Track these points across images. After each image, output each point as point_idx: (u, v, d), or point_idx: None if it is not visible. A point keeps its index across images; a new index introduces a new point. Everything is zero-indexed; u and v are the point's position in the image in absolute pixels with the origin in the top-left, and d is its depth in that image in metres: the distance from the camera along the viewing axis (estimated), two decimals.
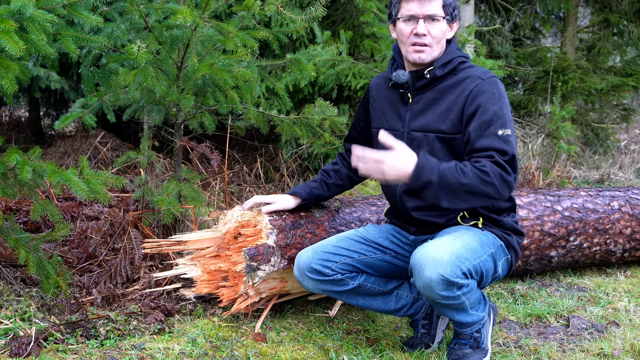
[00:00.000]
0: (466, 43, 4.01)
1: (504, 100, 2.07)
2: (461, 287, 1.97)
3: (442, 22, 2.11)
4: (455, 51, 2.18)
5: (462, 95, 2.09)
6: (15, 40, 1.85)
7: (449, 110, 2.11)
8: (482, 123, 2.01)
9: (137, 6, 2.49)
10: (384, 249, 2.27)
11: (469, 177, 1.90)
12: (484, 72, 2.12)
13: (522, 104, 6.94)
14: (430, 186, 1.90)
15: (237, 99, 2.66)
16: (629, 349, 2.34)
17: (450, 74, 2.15)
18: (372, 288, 2.25)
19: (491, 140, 1.98)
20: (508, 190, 1.95)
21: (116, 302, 2.54)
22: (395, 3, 2.17)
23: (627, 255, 3.32)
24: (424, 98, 2.17)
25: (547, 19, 8.05)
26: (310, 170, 5.15)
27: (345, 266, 2.19)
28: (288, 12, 2.63)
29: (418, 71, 2.16)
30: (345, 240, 2.24)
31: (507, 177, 1.94)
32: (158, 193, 2.82)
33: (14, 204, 3.48)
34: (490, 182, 1.92)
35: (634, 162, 7.15)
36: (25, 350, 2.03)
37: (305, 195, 2.41)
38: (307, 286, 2.21)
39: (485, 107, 2.03)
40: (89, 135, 5.81)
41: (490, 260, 2.10)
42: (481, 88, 2.06)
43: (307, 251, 2.19)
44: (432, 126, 2.13)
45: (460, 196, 1.93)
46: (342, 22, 5.62)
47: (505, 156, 1.96)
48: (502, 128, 2.00)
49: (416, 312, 2.35)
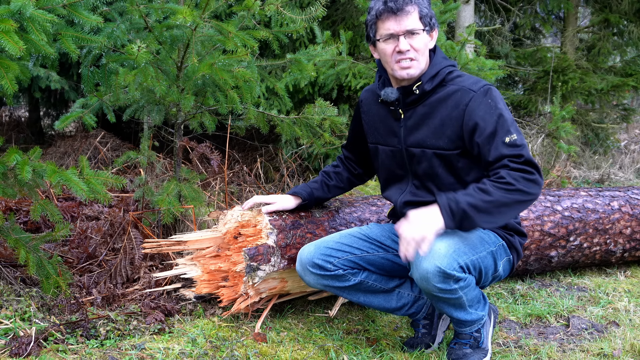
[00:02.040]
0: (466, 43, 4.01)
1: (501, 106, 2.04)
2: (458, 280, 1.98)
3: (422, 34, 2.06)
4: (442, 61, 2.13)
5: (456, 110, 2.05)
6: (15, 40, 1.85)
7: (444, 125, 2.08)
8: (487, 137, 1.99)
9: (137, 6, 2.49)
10: (387, 247, 2.27)
11: (492, 194, 1.90)
12: (474, 82, 2.08)
13: (522, 104, 6.94)
14: (467, 219, 1.91)
15: (237, 99, 2.66)
16: (629, 349, 2.34)
17: (439, 86, 2.11)
18: (373, 285, 2.26)
19: (501, 150, 1.97)
20: (537, 187, 1.94)
21: (116, 302, 2.54)
22: (371, 24, 2.11)
23: (627, 255, 3.32)
24: (416, 113, 2.14)
25: (547, 19, 8.05)
26: (310, 170, 5.15)
27: (347, 262, 2.19)
28: (288, 12, 2.63)
29: (406, 87, 2.12)
30: (348, 237, 2.25)
31: (531, 177, 1.93)
32: (158, 193, 2.82)
33: (14, 204, 3.48)
34: (515, 189, 1.91)
35: (634, 162, 7.15)
36: (25, 350, 2.03)
37: (306, 195, 2.41)
38: (308, 281, 2.21)
39: (485, 120, 2.00)
40: (89, 135, 5.81)
41: (490, 258, 2.10)
42: (475, 101, 2.03)
43: (310, 246, 2.20)
44: (428, 142, 2.12)
45: (494, 214, 1.92)
46: (342, 22, 5.62)
47: (519, 159, 1.95)
48: (507, 135, 1.98)
49: (417, 311, 2.35)
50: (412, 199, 2.20)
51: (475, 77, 2.12)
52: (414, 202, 2.19)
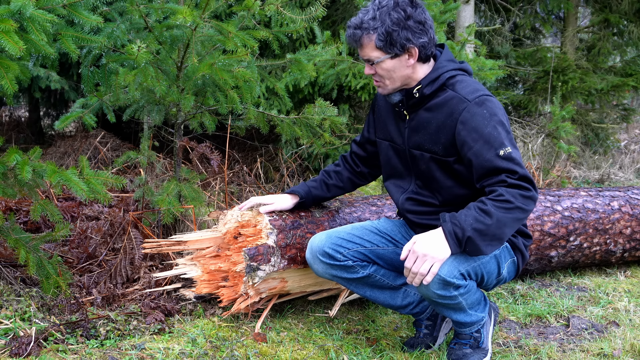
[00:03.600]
0: (466, 43, 4.01)
1: (497, 117, 2.00)
2: (458, 287, 1.98)
3: (384, 61, 2.05)
4: (445, 65, 2.10)
5: (450, 118, 2.04)
6: (15, 40, 1.85)
7: (439, 132, 2.08)
8: (480, 148, 1.97)
9: (137, 6, 2.49)
10: (397, 242, 2.28)
11: (493, 215, 1.89)
12: (472, 90, 2.04)
13: (522, 104, 6.94)
14: (471, 244, 1.91)
15: (237, 99, 2.66)
16: (629, 349, 2.34)
17: (440, 90, 2.09)
18: (381, 280, 2.26)
19: (494, 163, 1.94)
20: (533, 204, 1.94)
21: (116, 302, 2.54)
22: None
23: (627, 255, 3.32)
24: (418, 116, 2.15)
25: (547, 19, 8.05)
26: (310, 170, 5.15)
27: (357, 254, 2.20)
28: (288, 12, 2.63)
29: (408, 90, 2.13)
30: (360, 229, 2.26)
31: (527, 193, 1.91)
32: (158, 193, 2.82)
33: (14, 204, 3.48)
34: (514, 207, 1.90)
35: (634, 162, 7.15)
36: (25, 350, 2.03)
37: (303, 193, 2.41)
38: (317, 269, 2.21)
39: (478, 131, 1.98)
40: (89, 135, 5.80)
41: (493, 262, 2.09)
42: (469, 111, 2.00)
43: (321, 235, 2.21)
44: (425, 146, 2.13)
45: (496, 236, 1.92)
46: (342, 22, 5.62)
47: (515, 175, 1.93)
48: (501, 148, 1.95)
49: (421, 311, 2.35)
50: (413, 197, 2.22)
51: (475, 85, 2.08)
52: (415, 200, 2.21)
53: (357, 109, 6.02)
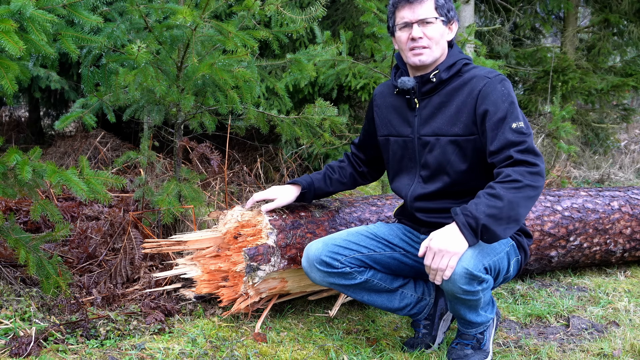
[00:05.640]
0: (466, 43, 4.01)
1: (512, 97, 2.09)
2: (482, 282, 1.99)
3: (436, 23, 2.13)
4: (458, 54, 2.21)
5: (470, 96, 2.11)
6: (15, 40, 1.85)
7: (459, 112, 2.13)
8: (497, 121, 2.03)
9: (137, 6, 2.49)
10: (394, 247, 2.28)
11: (503, 197, 1.90)
12: (489, 71, 2.15)
13: (522, 104, 6.94)
14: (487, 231, 1.91)
15: (237, 99, 2.66)
16: (629, 349, 2.34)
17: (455, 76, 2.17)
18: (378, 284, 2.26)
19: (507, 135, 2.00)
20: (542, 180, 1.96)
21: (116, 302, 2.54)
22: (390, 15, 2.23)
23: (627, 255, 3.32)
24: (431, 102, 2.19)
25: (547, 19, 8.05)
26: (310, 170, 5.15)
27: (355, 260, 2.20)
28: (288, 12, 2.63)
29: (423, 76, 2.18)
30: (355, 235, 2.25)
31: (534, 169, 1.94)
32: (158, 193, 2.82)
33: (14, 204, 3.48)
34: (524, 185, 1.91)
35: (634, 162, 7.15)
36: (25, 350, 2.03)
37: (306, 184, 2.42)
38: (314, 277, 2.21)
39: (497, 105, 2.05)
40: (89, 135, 5.81)
41: (505, 259, 2.12)
42: (490, 87, 2.08)
43: (318, 243, 2.20)
44: (443, 130, 2.15)
45: (511, 217, 1.92)
46: (342, 22, 5.62)
47: (521, 146, 1.97)
48: (515, 121, 2.02)
49: (419, 312, 2.35)
50: (422, 192, 2.22)
51: (491, 68, 2.19)
52: (424, 196, 2.21)
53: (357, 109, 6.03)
